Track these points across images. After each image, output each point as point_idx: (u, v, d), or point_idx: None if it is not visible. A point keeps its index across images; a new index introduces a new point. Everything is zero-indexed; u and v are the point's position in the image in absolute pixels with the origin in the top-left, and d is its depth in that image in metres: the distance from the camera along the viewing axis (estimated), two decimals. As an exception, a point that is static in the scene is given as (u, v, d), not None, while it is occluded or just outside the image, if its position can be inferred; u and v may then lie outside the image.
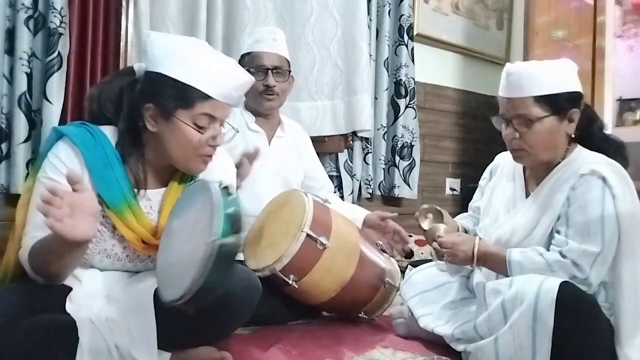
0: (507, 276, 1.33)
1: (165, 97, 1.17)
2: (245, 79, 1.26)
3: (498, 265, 1.36)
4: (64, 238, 0.94)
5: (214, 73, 1.19)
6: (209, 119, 1.19)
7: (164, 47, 1.20)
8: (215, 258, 0.94)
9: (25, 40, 1.79)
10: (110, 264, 1.25)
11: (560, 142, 1.38)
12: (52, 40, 1.81)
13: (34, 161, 1.23)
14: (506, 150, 1.45)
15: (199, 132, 1.19)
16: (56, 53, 1.81)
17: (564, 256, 1.27)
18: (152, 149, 1.24)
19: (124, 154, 1.21)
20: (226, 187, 1.04)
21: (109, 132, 1.23)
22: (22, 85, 1.78)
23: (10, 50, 1.80)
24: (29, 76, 1.80)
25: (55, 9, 1.81)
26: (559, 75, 1.36)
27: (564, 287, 1.18)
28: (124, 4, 2.02)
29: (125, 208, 1.18)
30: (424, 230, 1.51)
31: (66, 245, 0.99)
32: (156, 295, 1.13)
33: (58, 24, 1.81)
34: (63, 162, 1.16)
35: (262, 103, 1.91)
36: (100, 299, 1.18)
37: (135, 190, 1.22)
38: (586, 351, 1.21)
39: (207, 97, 1.17)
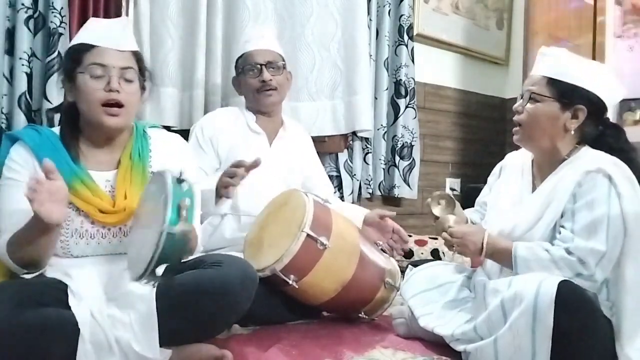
0: (512, 270, 1.33)
1: (66, 63, 1.36)
2: (122, 20, 1.44)
3: (505, 258, 1.36)
4: (42, 221, 1.08)
5: (90, 27, 1.37)
6: (101, 68, 1.30)
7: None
8: (164, 245, 1.04)
9: (25, 40, 1.79)
10: (86, 244, 1.30)
11: (557, 134, 1.40)
12: (52, 40, 1.81)
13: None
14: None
15: (94, 80, 1.30)
16: (56, 53, 1.81)
17: (570, 253, 1.27)
18: (85, 127, 1.36)
19: (64, 139, 1.34)
20: (181, 178, 1.12)
21: (56, 129, 1.38)
22: (22, 85, 1.78)
23: (10, 50, 1.79)
24: (29, 76, 1.80)
25: (55, 9, 1.80)
26: (582, 71, 1.39)
27: (563, 286, 1.18)
28: (124, 4, 2.01)
29: (78, 184, 1.28)
30: (435, 216, 1.50)
31: (42, 229, 1.12)
32: (157, 290, 1.17)
33: (58, 24, 1.81)
34: (16, 161, 1.30)
35: (261, 100, 1.92)
36: (100, 294, 1.20)
37: (82, 166, 1.32)
38: (586, 351, 1.21)
39: (90, 46, 1.31)
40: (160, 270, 1.07)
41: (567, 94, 1.37)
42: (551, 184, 1.39)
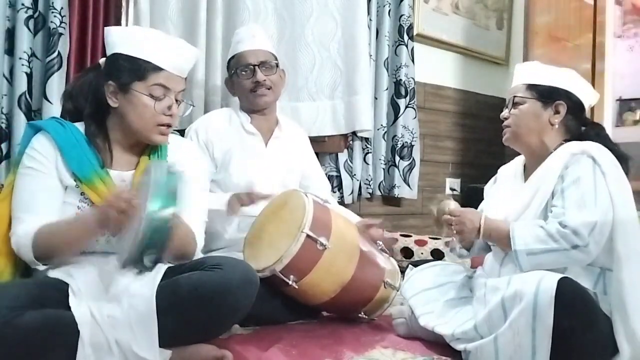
0: (510, 249, 1.35)
1: (122, 72, 1.33)
2: (193, 51, 1.44)
3: (501, 238, 1.40)
4: (102, 222, 1.15)
5: (164, 47, 1.36)
6: (163, 90, 1.34)
7: (118, 33, 1.39)
8: (147, 229, 1.08)
9: (25, 40, 1.79)
10: (95, 240, 1.31)
11: (544, 129, 1.49)
12: (52, 40, 1.81)
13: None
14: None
15: (154, 101, 1.33)
16: (56, 53, 1.81)
17: (563, 226, 1.31)
18: (116, 129, 1.38)
19: (91, 137, 1.36)
20: (170, 168, 1.16)
21: (81, 125, 1.38)
22: (22, 85, 1.78)
23: (10, 50, 1.80)
24: (29, 76, 1.80)
25: (55, 9, 1.80)
26: (557, 74, 1.53)
27: (563, 284, 1.19)
28: (124, 4, 2.02)
29: (96, 179, 1.31)
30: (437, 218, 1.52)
31: (97, 232, 1.19)
32: (157, 292, 1.17)
33: (58, 24, 1.81)
34: (38, 150, 1.31)
35: (255, 100, 1.91)
36: (100, 295, 1.20)
37: (104, 167, 1.35)
38: (586, 347, 1.21)
39: (159, 68, 1.33)
40: (148, 259, 1.10)
41: (546, 93, 1.50)
42: (538, 172, 1.46)
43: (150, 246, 1.11)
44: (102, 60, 1.44)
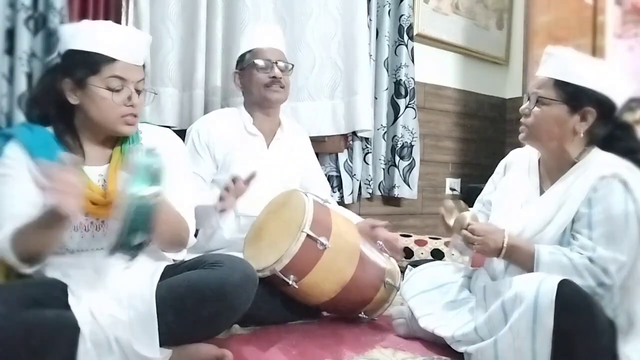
0: (530, 271, 1.31)
1: (77, 68, 1.31)
2: (144, 37, 1.43)
3: (524, 260, 1.33)
4: (57, 214, 1.07)
5: (114, 37, 1.33)
6: (119, 81, 1.31)
7: (70, 30, 1.36)
8: (131, 210, 1.07)
9: (25, 40, 1.78)
10: (81, 237, 1.30)
11: (566, 136, 1.37)
12: (52, 40, 1.80)
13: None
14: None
15: (112, 93, 1.30)
16: (56, 53, 1.81)
17: (592, 262, 1.26)
18: (84, 125, 1.37)
19: (60, 136, 1.34)
20: (150, 150, 1.14)
21: (49, 128, 1.36)
22: (22, 85, 1.78)
23: (10, 50, 1.79)
24: (29, 76, 1.80)
25: (55, 9, 1.80)
26: (589, 71, 1.36)
27: (563, 287, 1.18)
28: (124, 4, 2.02)
29: None
30: (447, 226, 1.45)
31: (54, 222, 1.11)
32: (157, 290, 1.17)
33: (58, 24, 1.81)
34: (9, 156, 1.30)
35: (268, 96, 1.90)
36: (100, 293, 1.20)
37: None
38: (586, 351, 1.20)
39: (111, 59, 1.30)
40: (135, 239, 1.08)
41: (574, 96, 1.34)
42: (562, 187, 1.37)
43: (136, 227, 1.09)
44: (57, 60, 1.45)
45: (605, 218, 1.28)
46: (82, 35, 1.32)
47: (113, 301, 1.19)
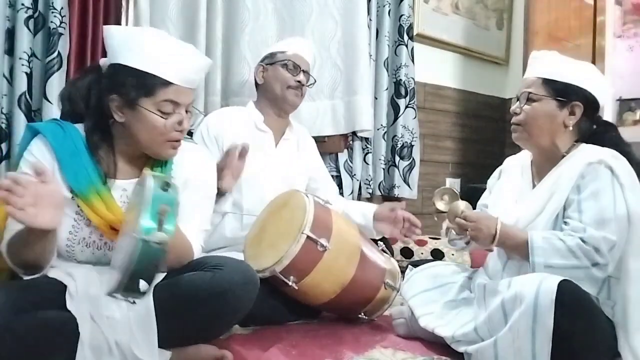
0: (528, 259, 1.32)
1: (128, 87, 1.22)
2: (204, 62, 1.34)
3: (517, 246, 1.36)
4: (27, 226, 1.01)
5: (172, 59, 1.24)
6: (172, 105, 1.25)
7: (120, 38, 1.25)
8: (137, 254, 0.98)
9: (25, 40, 1.79)
10: (92, 253, 1.28)
11: (557, 130, 1.44)
12: (52, 40, 1.80)
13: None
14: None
15: (163, 118, 1.24)
16: (56, 53, 1.81)
17: (584, 242, 1.28)
18: (122, 140, 1.30)
19: (93, 146, 1.27)
20: (167, 183, 1.05)
21: (81, 127, 1.30)
22: (22, 85, 1.78)
23: (10, 50, 1.79)
24: (29, 76, 1.80)
25: (55, 9, 1.80)
26: (574, 70, 1.45)
27: (563, 286, 1.18)
28: (124, 4, 2.02)
29: (93, 194, 1.23)
30: (438, 211, 1.52)
31: (32, 233, 1.05)
32: (155, 291, 1.16)
33: (58, 24, 1.81)
34: (35, 156, 1.24)
35: (288, 97, 1.94)
36: (100, 296, 1.19)
37: (106, 179, 1.27)
38: (586, 350, 1.21)
39: (167, 83, 1.23)
40: (138, 285, 1.01)
41: (562, 92, 1.43)
42: (552, 178, 1.42)
43: (139, 274, 1.00)
44: (102, 61, 1.35)
45: (594, 201, 1.32)
46: (135, 49, 1.23)
47: (112, 303, 1.17)
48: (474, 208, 1.70)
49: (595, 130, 1.48)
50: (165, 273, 1.27)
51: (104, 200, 1.25)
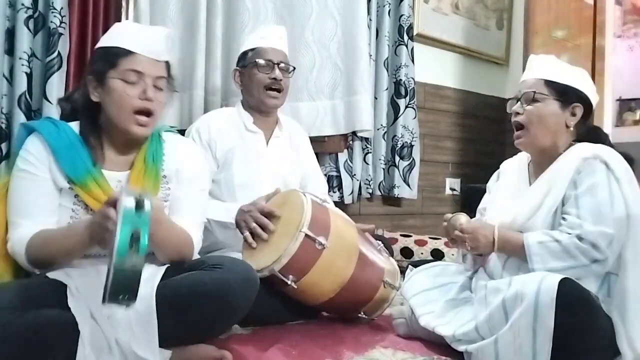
0: (525, 260, 1.33)
1: (97, 63, 1.33)
2: (163, 31, 1.39)
3: (516, 251, 1.37)
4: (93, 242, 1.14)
5: (133, 31, 1.35)
6: (136, 75, 1.30)
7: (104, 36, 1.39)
8: (115, 278, 0.99)
9: (25, 40, 1.79)
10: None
11: (559, 131, 1.45)
12: (52, 40, 1.81)
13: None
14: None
15: (127, 85, 1.29)
16: (56, 53, 1.81)
17: (581, 239, 1.28)
18: (105, 127, 1.35)
19: (85, 137, 1.33)
20: (142, 201, 1.02)
21: (74, 124, 1.36)
22: (22, 85, 1.78)
23: (10, 50, 1.79)
24: (29, 76, 1.80)
25: (55, 9, 1.80)
26: (571, 73, 1.49)
27: (564, 285, 1.18)
28: (124, 4, 2.02)
29: (90, 180, 1.28)
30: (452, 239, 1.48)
31: (87, 245, 1.17)
32: (157, 292, 1.17)
33: (58, 24, 1.81)
34: (31, 152, 1.29)
35: (265, 101, 1.90)
36: (100, 294, 1.19)
37: (100, 169, 1.31)
38: (587, 349, 1.21)
39: (129, 52, 1.30)
40: (121, 300, 1.02)
41: (563, 93, 1.45)
42: (549, 174, 1.43)
43: (118, 292, 1.01)
44: None
45: (590, 195, 1.32)
46: (107, 34, 1.37)
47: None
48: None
49: (589, 131, 1.50)
50: (167, 265, 1.29)
51: (101, 186, 1.28)
